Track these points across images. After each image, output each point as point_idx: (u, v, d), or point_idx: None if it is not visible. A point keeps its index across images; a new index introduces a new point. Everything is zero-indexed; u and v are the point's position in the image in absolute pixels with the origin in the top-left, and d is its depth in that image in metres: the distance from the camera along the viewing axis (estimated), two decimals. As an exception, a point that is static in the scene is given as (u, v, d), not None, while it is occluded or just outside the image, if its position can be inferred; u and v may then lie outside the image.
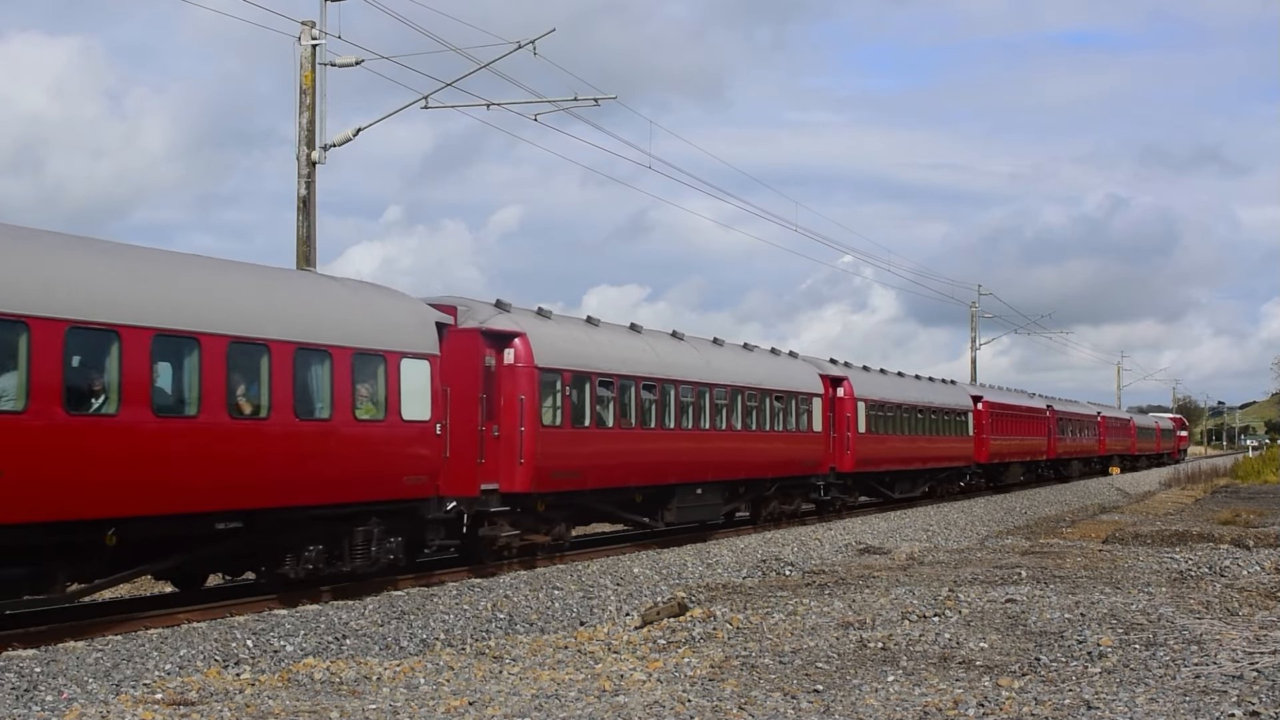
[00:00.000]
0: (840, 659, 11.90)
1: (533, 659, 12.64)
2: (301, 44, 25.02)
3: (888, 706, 9.84)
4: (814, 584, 17.98)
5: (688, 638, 13.45)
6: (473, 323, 21.83)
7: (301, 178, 25.08)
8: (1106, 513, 40.91)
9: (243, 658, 13.54)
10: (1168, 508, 43.12)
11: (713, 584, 19.00)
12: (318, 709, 10.10)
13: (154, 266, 16.07)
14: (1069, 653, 11.96)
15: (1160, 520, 34.86)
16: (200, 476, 15.82)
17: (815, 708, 9.86)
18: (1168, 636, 12.66)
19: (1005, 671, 11.16)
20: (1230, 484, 63.86)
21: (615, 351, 25.67)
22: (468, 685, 11.18)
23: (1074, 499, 49.14)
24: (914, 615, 14.26)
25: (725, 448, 29.40)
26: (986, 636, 12.86)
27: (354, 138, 25.73)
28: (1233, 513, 36.10)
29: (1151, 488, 61.53)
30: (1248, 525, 31.61)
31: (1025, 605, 14.72)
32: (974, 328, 71.89)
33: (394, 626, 15.58)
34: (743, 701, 10.09)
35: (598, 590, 18.92)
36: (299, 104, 25.06)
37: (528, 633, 15.39)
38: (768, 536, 29.12)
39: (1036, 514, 39.84)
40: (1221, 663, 11.28)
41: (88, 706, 10.39)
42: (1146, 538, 27.45)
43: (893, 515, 37.64)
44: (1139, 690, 10.23)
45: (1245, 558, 20.63)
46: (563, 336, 23.99)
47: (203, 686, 11.24)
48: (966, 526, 33.45)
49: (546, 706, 10.05)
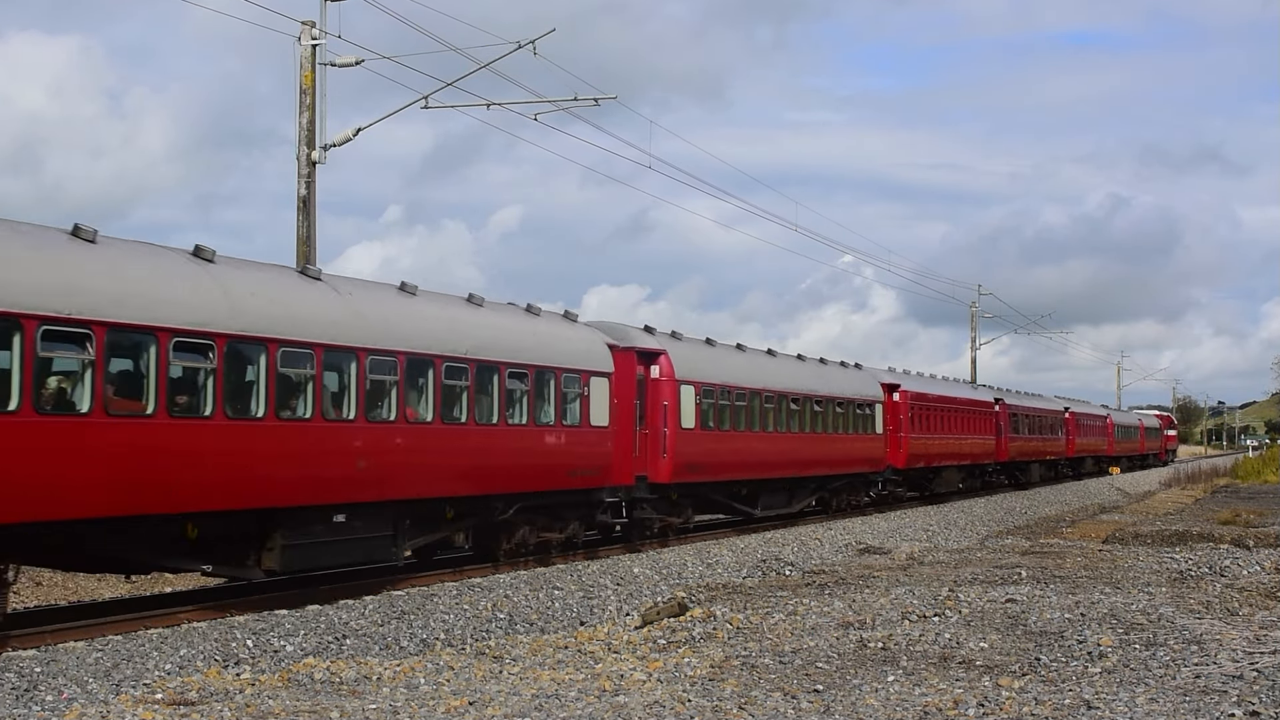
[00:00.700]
0: (840, 659, 11.90)
1: (533, 659, 12.64)
2: (301, 44, 25.02)
3: (888, 706, 9.84)
4: (814, 584, 17.98)
5: (688, 638, 13.45)
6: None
7: (301, 178, 25.08)
8: (1106, 513, 40.92)
9: (243, 658, 13.54)
10: (1168, 508, 43.13)
11: (713, 584, 18.99)
12: (318, 709, 10.10)
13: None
14: (1069, 653, 11.96)
15: (1160, 520, 34.87)
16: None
17: (815, 708, 9.86)
18: (1168, 636, 12.66)
19: (1005, 671, 11.16)
20: (1230, 484, 63.87)
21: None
22: (468, 685, 11.18)
23: (1074, 499, 49.12)
24: (914, 615, 14.26)
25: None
26: (986, 636, 12.85)
27: (354, 138, 25.73)
28: (1233, 513, 36.10)
29: (1151, 488, 61.54)
30: (1248, 525, 31.62)
31: (1025, 605, 14.72)
32: (974, 328, 71.92)
33: (394, 626, 15.58)
34: (743, 701, 10.09)
35: (598, 590, 18.91)
36: (299, 104, 25.06)
37: (528, 633, 15.38)
38: (768, 536, 29.14)
39: (1036, 514, 39.86)
40: (1221, 663, 11.28)
41: (88, 706, 10.38)
42: (1146, 538, 27.46)
43: (893, 515, 37.65)
44: (1139, 690, 10.23)
45: (1245, 558, 20.63)
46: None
47: (203, 686, 11.24)
48: (966, 526, 33.45)
49: (546, 706, 10.04)
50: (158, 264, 16.01)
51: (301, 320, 17.38)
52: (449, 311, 21.13)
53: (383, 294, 19.96)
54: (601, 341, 24.89)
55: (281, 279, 18.15)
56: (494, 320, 22.06)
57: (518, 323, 22.81)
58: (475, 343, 20.82)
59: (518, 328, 22.53)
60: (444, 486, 20.06)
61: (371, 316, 18.86)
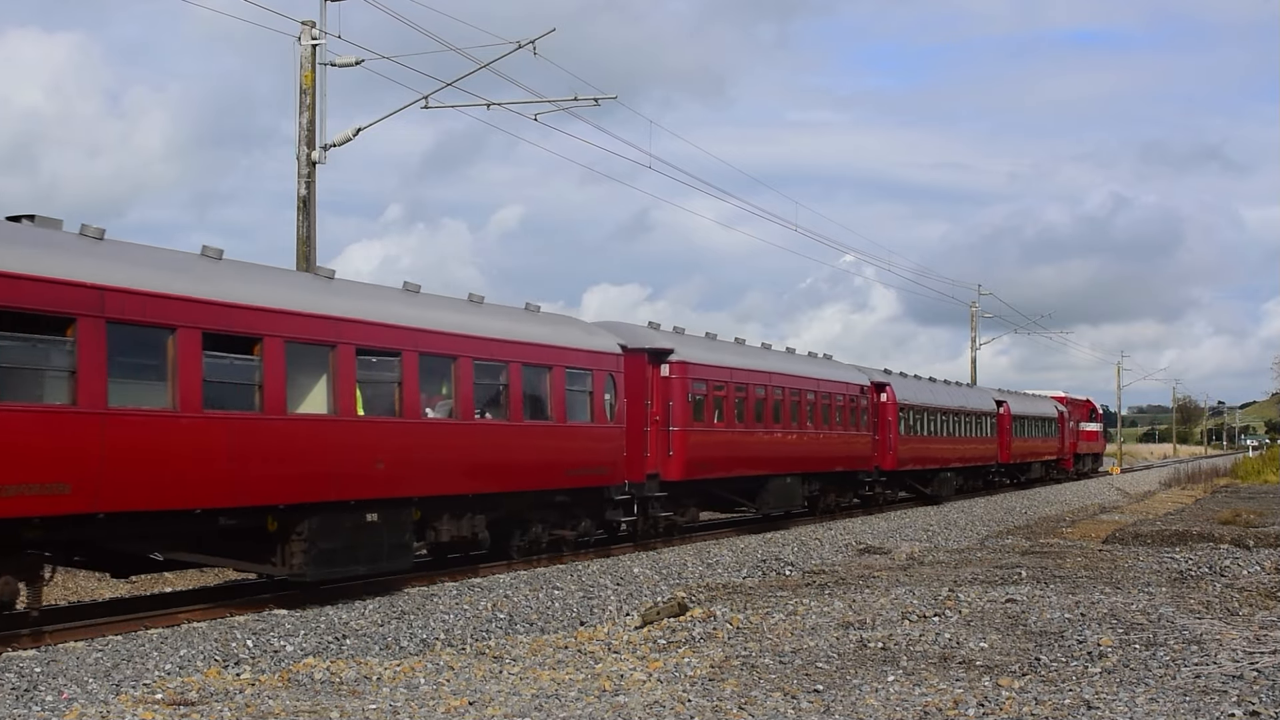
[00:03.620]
0: (840, 659, 11.90)
1: (533, 659, 12.64)
2: (301, 44, 25.01)
3: (888, 706, 9.84)
4: (814, 584, 17.98)
5: (688, 638, 13.45)
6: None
7: (301, 178, 25.07)
8: (1106, 513, 40.93)
9: (243, 658, 13.54)
10: (1168, 508, 43.16)
11: (713, 584, 19.00)
12: (318, 709, 10.10)
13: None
14: (1069, 653, 11.96)
15: (1160, 520, 34.88)
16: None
17: (815, 708, 9.86)
18: (1168, 636, 12.66)
19: (1005, 671, 11.16)
20: (1230, 484, 63.94)
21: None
22: (468, 685, 11.18)
23: (1074, 499, 49.14)
24: (914, 615, 14.26)
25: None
26: (987, 636, 12.85)
27: (354, 138, 25.70)
28: (1233, 513, 36.10)
29: (1152, 488, 61.58)
30: (1248, 525, 31.62)
31: (1025, 605, 14.72)
32: (974, 327, 71.93)
33: (394, 626, 15.58)
34: (743, 701, 10.09)
35: (598, 590, 18.91)
36: (299, 104, 25.05)
37: (528, 633, 15.38)
38: (768, 536, 29.15)
39: (1036, 514, 39.86)
40: (1221, 663, 11.28)
41: (88, 706, 10.39)
42: (1146, 538, 27.46)
43: (893, 515, 37.65)
44: (1139, 690, 10.23)
45: (1245, 558, 20.63)
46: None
47: (203, 686, 11.24)
48: (966, 526, 33.46)
49: (546, 706, 10.05)
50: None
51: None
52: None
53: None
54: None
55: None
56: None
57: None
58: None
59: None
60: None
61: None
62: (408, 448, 18.97)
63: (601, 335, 25.35)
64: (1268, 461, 79.37)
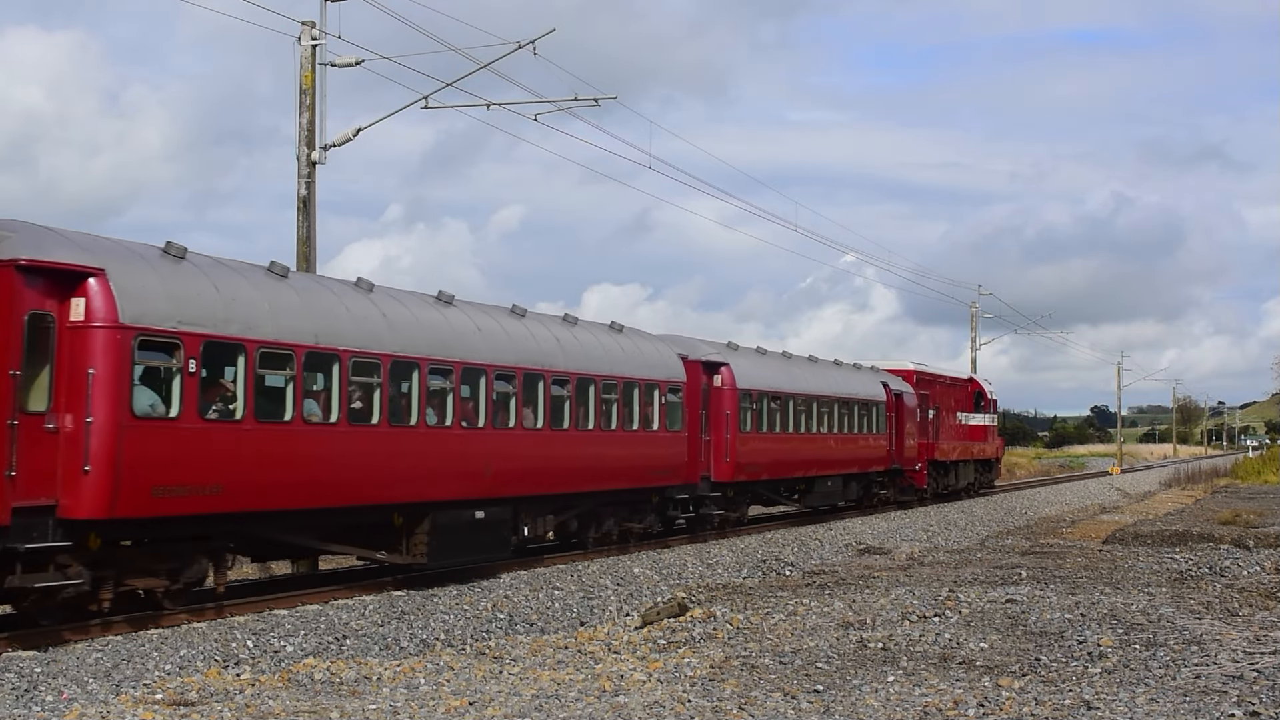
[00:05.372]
0: (840, 659, 11.89)
1: (533, 659, 12.64)
2: (301, 44, 25.00)
3: (888, 706, 9.84)
4: (814, 584, 17.97)
5: (688, 638, 13.45)
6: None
7: (301, 178, 25.06)
8: (1106, 513, 40.92)
9: (243, 658, 13.54)
10: (1168, 508, 43.14)
11: (713, 584, 19.00)
12: (318, 709, 10.10)
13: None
14: (1069, 653, 11.96)
15: (1160, 521, 34.86)
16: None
17: (815, 708, 9.86)
18: (1168, 637, 12.66)
19: (1005, 671, 11.15)
20: (1230, 484, 63.91)
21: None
22: (468, 685, 11.18)
23: (1074, 499, 49.13)
24: (914, 615, 14.25)
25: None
26: (986, 637, 12.85)
27: (354, 138, 25.68)
28: (1233, 513, 36.10)
29: (1152, 488, 61.56)
30: (1248, 525, 31.61)
31: (1025, 605, 14.72)
32: (974, 327, 71.91)
33: (394, 626, 15.58)
34: (743, 702, 10.09)
35: (598, 590, 18.92)
36: (299, 104, 25.04)
37: (528, 633, 15.38)
38: (768, 536, 29.17)
39: (1036, 514, 39.86)
40: (1221, 663, 11.28)
41: (88, 706, 10.38)
42: (1146, 538, 27.45)
43: (893, 515, 37.67)
44: (1139, 690, 10.23)
45: (1245, 558, 20.63)
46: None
47: (203, 686, 11.24)
48: (966, 526, 33.46)
49: (546, 707, 10.05)
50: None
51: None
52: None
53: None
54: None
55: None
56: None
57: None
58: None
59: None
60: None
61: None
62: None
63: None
64: (1268, 462, 79.33)
